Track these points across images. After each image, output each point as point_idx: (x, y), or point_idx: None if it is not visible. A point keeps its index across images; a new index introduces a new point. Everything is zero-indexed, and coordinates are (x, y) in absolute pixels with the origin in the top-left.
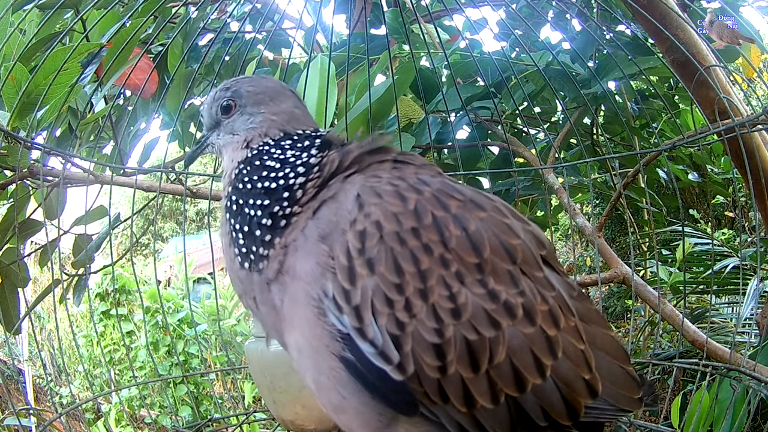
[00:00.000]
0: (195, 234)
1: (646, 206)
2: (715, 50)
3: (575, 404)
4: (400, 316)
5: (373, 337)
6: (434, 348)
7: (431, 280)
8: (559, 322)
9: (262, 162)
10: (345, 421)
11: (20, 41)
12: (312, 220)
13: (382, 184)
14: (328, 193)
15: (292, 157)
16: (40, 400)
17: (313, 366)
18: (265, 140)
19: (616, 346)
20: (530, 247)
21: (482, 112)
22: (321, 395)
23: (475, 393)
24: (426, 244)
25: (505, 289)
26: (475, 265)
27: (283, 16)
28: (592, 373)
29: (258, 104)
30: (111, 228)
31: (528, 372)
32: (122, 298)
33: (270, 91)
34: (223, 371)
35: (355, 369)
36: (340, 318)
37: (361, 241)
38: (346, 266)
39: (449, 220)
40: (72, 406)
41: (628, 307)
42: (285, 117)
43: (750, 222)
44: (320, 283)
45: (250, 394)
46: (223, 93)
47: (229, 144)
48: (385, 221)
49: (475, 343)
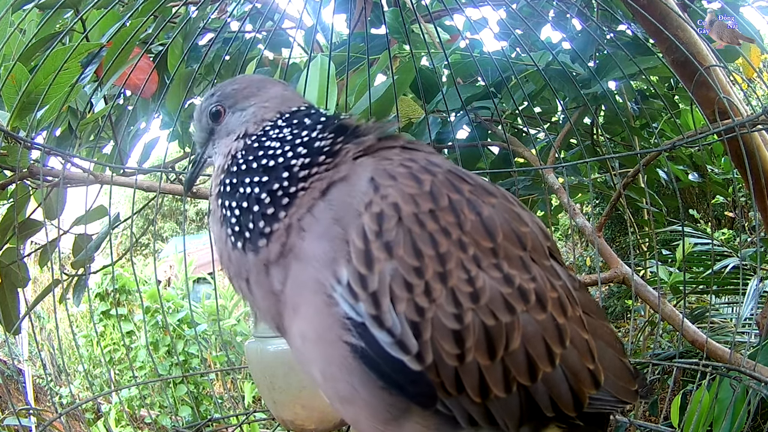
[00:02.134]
0: (195, 234)
1: (646, 206)
2: (715, 50)
3: (580, 394)
4: (419, 302)
5: (391, 325)
6: (453, 334)
7: (450, 263)
8: (566, 310)
9: (261, 144)
10: (352, 412)
11: (20, 41)
12: (322, 201)
13: (394, 166)
14: (337, 174)
15: (289, 135)
16: (40, 400)
17: (320, 356)
18: (263, 124)
19: (614, 338)
20: (538, 236)
21: (482, 112)
22: (328, 386)
23: (490, 382)
24: (444, 226)
25: (519, 274)
26: (490, 249)
27: (283, 15)
28: (595, 363)
29: (247, 98)
30: (111, 228)
31: (540, 360)
32: (122, 298)
33: (255, 83)
34: (223, 371)
35: (369, 360)
36: (354, 306)
37: (378, 223)
38: (363, 250)
39: (464, 203)
40: (72, 406)
41: (628, 307)
42: (277, 101)
43: (750, 222)
44: (332, 269)
45: (250, 394)
46: (208, 100)
47: (225, 144)
48: (403, 203)
49: (493, 328)
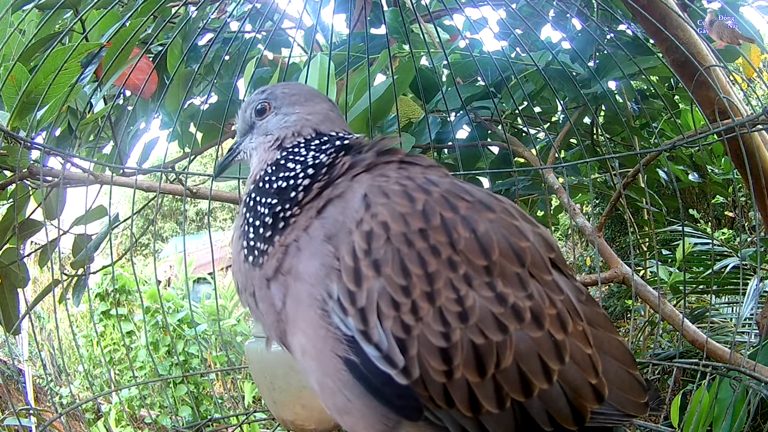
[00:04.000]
0: (195, 234)
1: (646, 206)
2: (715, 50)
3: (581, 409)
4: (406, 319)
5: (378, 341)
6: (440, 352)
7: (438, 282)
8: (567, 326)
9: (287, 162)
10: (349, 423)
11: (20, 41)
12: (317, 220)
13: (390, 184)
14: (334, 192)
15: (309, 158)
16: (40, 400)
17: (317, 368)
18: (299, 139)
19: (623, 351)
20: (539, 250)
21: (482, 111)
22: (325, 397)
23: (481, 398)
24: (434, 245)
25: (514, 293)
26: (484, 267)
27: (283, 15)
28: (599, 377)
29: (293, 105)
30: (111, 228)
31: (535, 377)
32: (122, 298)
33: (305, 93)
34: (223, 371)
35: (360, 372)
36: (344, 320)
37: (367, 241)
38: (352, 267)
39: (458, 221)
40: (72, 406)
41: (628, 307)
42: (319, 117)
43: (750, 222)
44: (324, 285)
45: (250, 394)
46: (258, 96)
47: (261, 145)
48: (392, 222)
49: (482, 347)
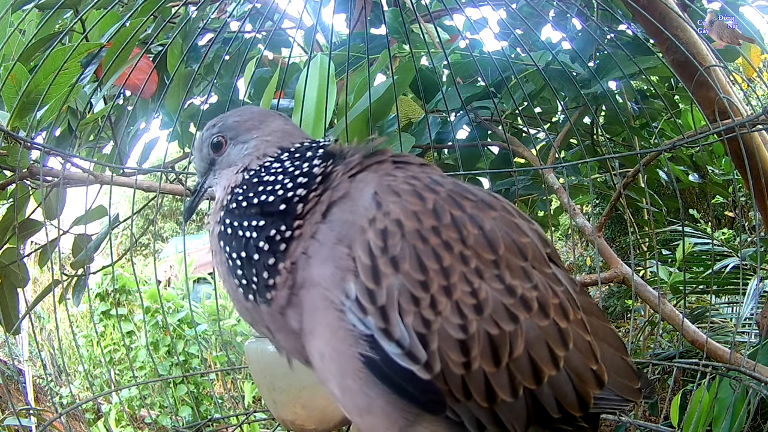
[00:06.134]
0: (195, 234)
1: (646, 206)
2: (715, 50)
3: (585, 395)
4: (426, 314)
5: (399, 337)
6: (459, 344)
7: (454, 276)
8: (568, 314)
9: (260, 179)
10: (371, 423)
11: (20, 41)
12: (323, 224)
13: (398, 183)
14: (335, 194)
15: (291, 167)
16: (40, 400)
17: (337, 370)
18: (264, 160)
19: (616, 338)
20: (537, 245)
21: (482, 111)
22: (346, 399)
23: (497, 387)
24: (446, 241)
25: (521, 284)
26: (492, 261)
27: (283, 15)
28: (598, 363)
29: (248, 131)
30: (111, 228)
31: (544, 363)
32: (122, 298)
33: (257, 115)
34: (223, 371)
35: (380, 370)
36: (363, 320)
37: (383, 239)
38: (370, 266)
39: (466, 219)
40: (72, 406)
41: (628, 307)
42: (278, 135)
43: (750, 222)
44: (341, 287)
45: (250, 394)
46: (210, 131)
47: (226, 176)
48: (406, 219)
49: (497, 337)
